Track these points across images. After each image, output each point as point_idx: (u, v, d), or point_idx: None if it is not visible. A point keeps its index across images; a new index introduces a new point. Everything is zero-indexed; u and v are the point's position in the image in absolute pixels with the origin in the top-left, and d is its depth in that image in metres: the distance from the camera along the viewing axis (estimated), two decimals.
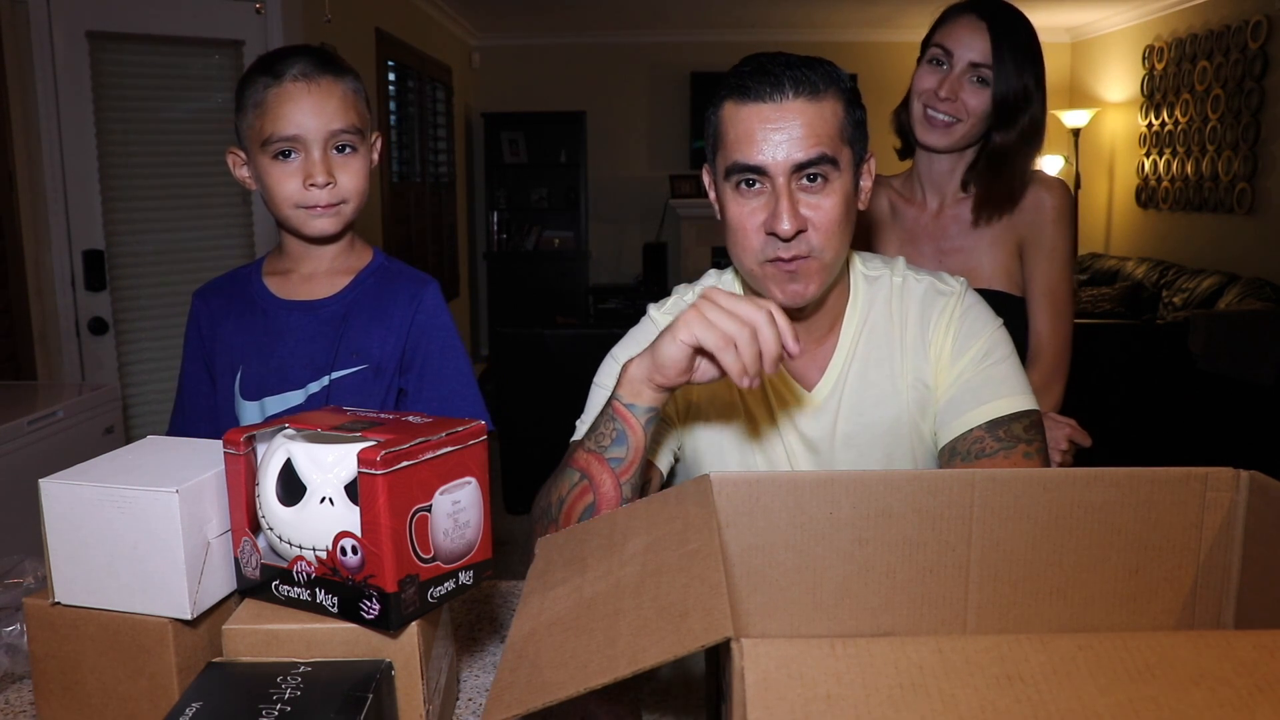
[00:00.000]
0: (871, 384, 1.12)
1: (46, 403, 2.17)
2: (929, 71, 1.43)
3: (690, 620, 0.55)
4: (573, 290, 6.72)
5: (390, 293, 1.24)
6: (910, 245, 1.50)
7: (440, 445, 0.79)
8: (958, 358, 1.10)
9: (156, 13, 2.92)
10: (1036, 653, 0.47)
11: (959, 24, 1.41)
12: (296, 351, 1.20)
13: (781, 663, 0.47)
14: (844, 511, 0.75)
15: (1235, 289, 4.43)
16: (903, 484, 0.75)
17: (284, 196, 1.16)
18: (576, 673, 0.56)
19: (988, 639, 0.47)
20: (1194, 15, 5.35)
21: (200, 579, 0.83)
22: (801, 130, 1.00)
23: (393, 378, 1.22)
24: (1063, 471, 0.74)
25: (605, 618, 0.61)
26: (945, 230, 1.49)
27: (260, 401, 1.21)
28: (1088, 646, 0.47)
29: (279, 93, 1.14)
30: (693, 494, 0.73)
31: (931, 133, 1.43)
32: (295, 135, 1.14)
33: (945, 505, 0.75)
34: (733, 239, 1.07)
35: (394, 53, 4.72)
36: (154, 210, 3.01)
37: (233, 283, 1.28)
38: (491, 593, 1.19)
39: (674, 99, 6.86)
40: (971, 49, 1.39)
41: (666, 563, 0.63)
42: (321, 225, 1.18)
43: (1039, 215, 1.46)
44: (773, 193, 1.02)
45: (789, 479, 0.76)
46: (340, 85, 1.17)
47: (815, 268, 1.04)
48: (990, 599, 0.75)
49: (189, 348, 1.29)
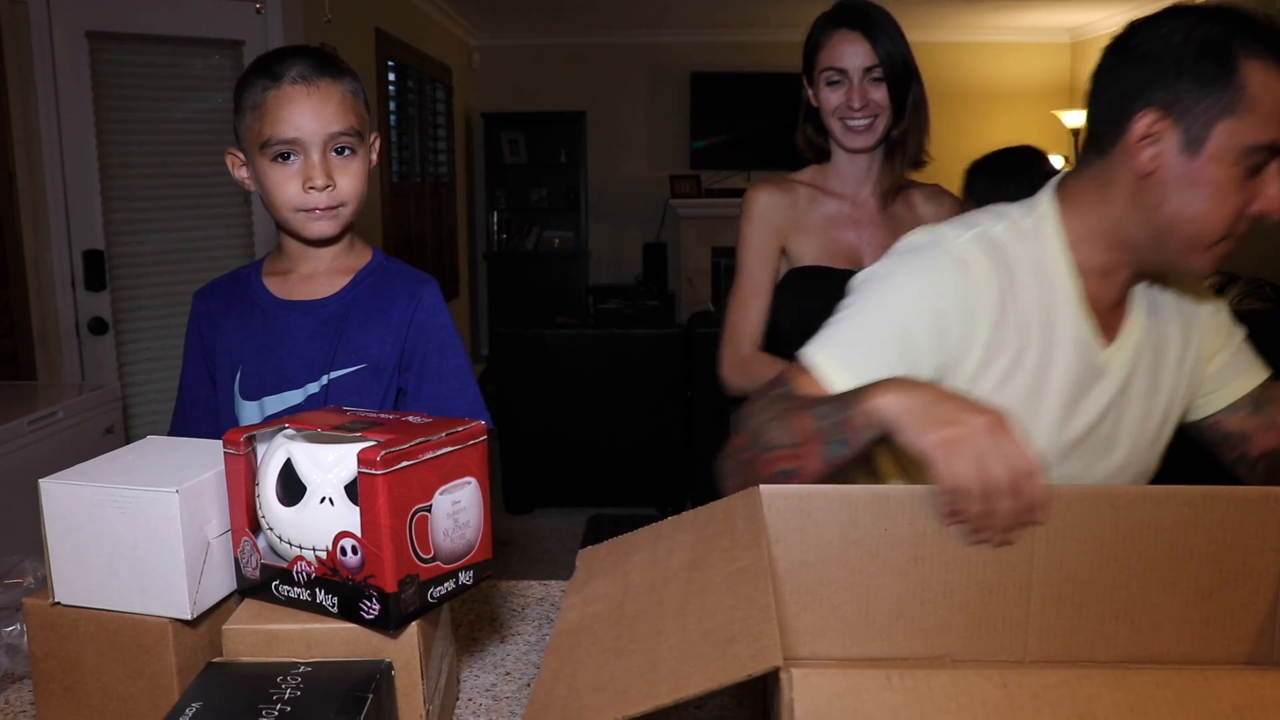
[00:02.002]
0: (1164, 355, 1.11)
1: (46, 403, 2.17)
2: (831, 92, 1.58)
3: (737, 646, 0.52)
4: (573, 290, 6.71)
5: (389, 292, 1.24)
6: (834, 231, 1.62)
7: (440, 445, 0.79)
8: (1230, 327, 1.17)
9: (156, 13, 2.92)
10: (1110, 690, 0.43)
11: (837, 42, 1.56)
12: (295, 351, 1.21)
13: (834, 695, 0.44)
14: (899, 527, 0.72)
15: (1235, 289, 4.43)
16: None
17: (283, 199, 1.16)
18: (615, 697, 0.53)
19: (1056, 673, 0.44)
20: None
21: (200, 579, 0.83)
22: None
23: (391, 377, 1.22)
24: (1132, 489, 0.71)
25: (646, 639, 0.58)
26: (871, 218, 1.63)
27: (259, 401, 1.21)
28: (1166, 684, 0.43)
29: (278, 95, 1.14)
30: (741, 507, 0.71)
31: (857, 137, 1.58)
32: (294, 138, 1.14)
33: None
34: None
35: (394, 53, 4.72)
36: (154, 210, 3.00)
37: (233, 283, 1.28)
38: (491, 593, 1.19)
39: (674, 99, 6.85)
40: (858, 57, 1.55)
41: (713, 581, 0.61)
42: (320, 228, 1.18)
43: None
44: None
45: (841, 493, 0.73)
46: (339, 87, 1.17)
47: None
48: (1053, 621, 0.71)
49: (189, 348, 1.29)
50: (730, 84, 6.66)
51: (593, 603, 0.67)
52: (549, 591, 1.21)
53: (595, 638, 0.61)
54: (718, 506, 0.72)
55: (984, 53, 6.82)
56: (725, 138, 6.67)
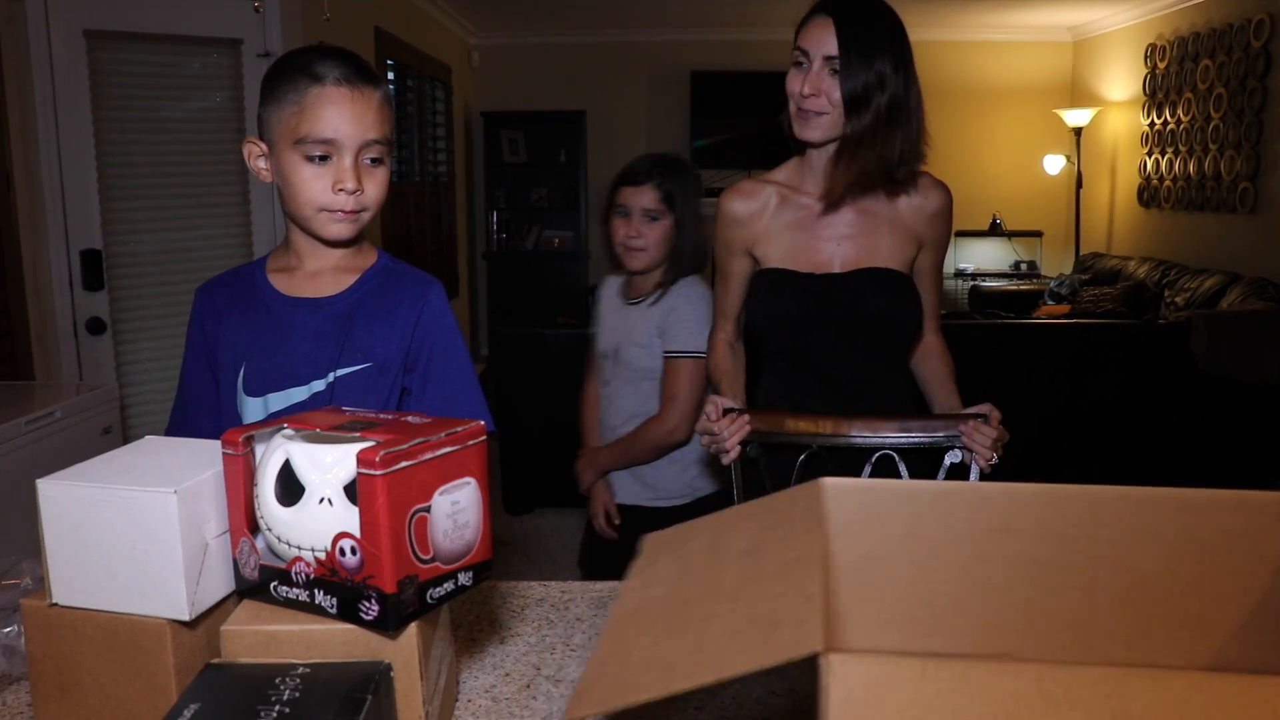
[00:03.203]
0: None
1: (44, 403, 2.16)
2: (794, 74, 1.52)
3: (781, 631, 0.53)
4: (573, 290, 6.71)
5: (395, 292, 1.24)
6: (800, 234, 1.59)
7: (439, 445, 0.78)
8: None
9: (154, 11, 2.91)
10: (1147, 690, 0.43)
11: (811, 25, 1.51)
12: (301, 348, 1.21)
13: (869, 682, 0.45)
14: (962, 525, 0.72)
15: (1237, 289, 4.43)
16: (1025, 499, 0.71)
17: (309, 197, 1.17)
18: (663, 674, 0.55)
19: (1094, 671, 0.44)
20: (1196, 14, 5.34)
21: (198, 580, 0.82)
22: None
23: (396, 377, 1.22)
24: (1203, 493, 0.69)
25: (698, 620, 0.59)
26: (842, 217, 1.58)
27: (264, 398, 1.21)
28: (1205, 687, 0.43)
29: (321, 94, 1.14)
30: (802, 499, 0.71)
31: (805, 128, 1.53)
32: (332, 139, 1.14)
33: (1070, 523, 0.71)
34: None
35: (393, 52, 4.71)
36: (152, 210, 3.00)
37: (236, 279, 1.28)
38: (491, 593, 1.19)
39: (674, 99, 6.85)
40: (823, 45, 1.48)
41: (766, 569, 0.62)
42: (340, 230, 1.19)
43: (936, 214, 1.60)
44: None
45: (905, 488, 0.73)
46: (378, 95, 1.18)
47: None
48: (1118, 625, 0.70)
49: (190, 344, 1.29)
50: (730, 83, 6.66)
51: (651, 586, 0.69)
52: (549, 592, 1.20)
53: (650, 619, 0.63)
54: (780, 497, 0.73)
55: (985, 52, 6.82)
56: (725, 137, 6.67)
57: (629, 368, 1.99)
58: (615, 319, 2.06)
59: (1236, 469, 3.71)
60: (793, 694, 0.96)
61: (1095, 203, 6.47)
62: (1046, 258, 6.85)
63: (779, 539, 0.65)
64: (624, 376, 2.01)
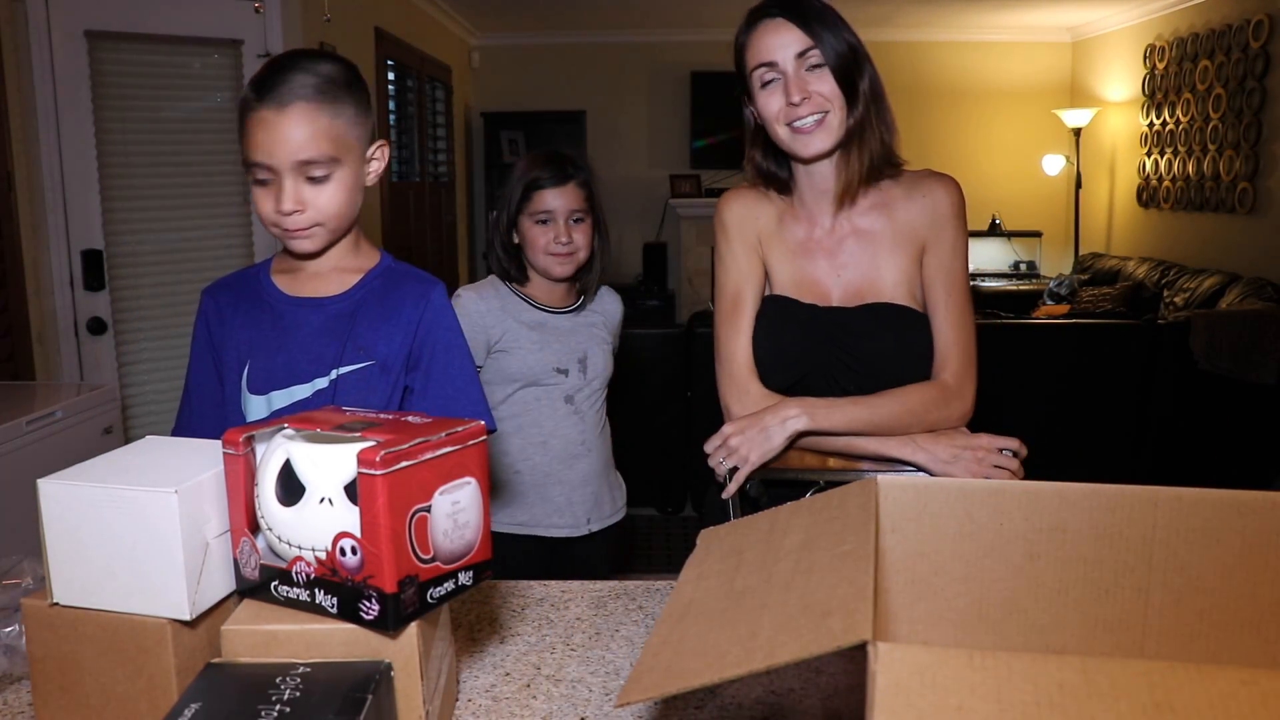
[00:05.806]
0: None
1: (45, 403, 2.17)
2: (768, 93, 1.37)
3: (831, 620, 0.54)
4: None
5: (398, 292, 1.25)
6: (804, 259, 1.43)
7: (440, 445, 0.79)
8: None
9: (155, 12, 2.92)
10: (1193, 682, 0.43)
11: (762, 34, 1.36)
12: (304, 346, 1.22)
13: (916, 670, 0.45)
14: (1015, 523, 0.72)
15: (1237, 289, 4.43)
16: (1078, 498, 0.72)
17: (263, 216, 1.19)
18: (715, 661, 0.56)
19: (1139, 664, 0.44)
20: (1195, 14, 5.34)
21: (199, 579, 0.82)
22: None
23: (399, 376, 1.23)
24: (1261, 495, 0.68)
25: (751, 610, 0.61)
26: (841, 244, 1.42)
27: (267, 396, 1.22)
28: (1253, 683, 0.43)
29: (252, 117, 1.14)
30: (856, 496, 0.72)
31: (810, 140, 1.35)
32: (264, 163, 1.14)
33: (1124, 523, 0.71)
34: None
35: (393, 52, 4.71)
36: (153, 210, 3.00)
37: (241, 280, 1.30)
38: (491, 593, 1.19)
39: (674, 99, 6.85)
40: (787, 46, 1.34)
41: (819, 562, 0.63)
42: (299, 245, 1.21)
43: (937, 214, 1.41)
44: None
45: (958, 486, 0.73)
46: (316, 112, 1.14)
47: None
48: (1172, 626, 0.70)
49: (196, 344, 1.30)
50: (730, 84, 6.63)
51: (707, 578, 0.70)
52: (549, 592, 1.20)
53: (704, 609, 0.64)
54: (834, 494, 0.75)
55: (985, 52, 6.82)
56: (725, 137, 6.65)
57: (602, 375, 1.92)
58: (556, 332, 1.92)
59: (1236, 469, 3.71)
60: (792, 694, 0.96)
61: (1094, 203, 6.47)
62: (1046, 258, 6.85)
63: (833, 534, 0.66)
64: (595, 385, 1.94)
